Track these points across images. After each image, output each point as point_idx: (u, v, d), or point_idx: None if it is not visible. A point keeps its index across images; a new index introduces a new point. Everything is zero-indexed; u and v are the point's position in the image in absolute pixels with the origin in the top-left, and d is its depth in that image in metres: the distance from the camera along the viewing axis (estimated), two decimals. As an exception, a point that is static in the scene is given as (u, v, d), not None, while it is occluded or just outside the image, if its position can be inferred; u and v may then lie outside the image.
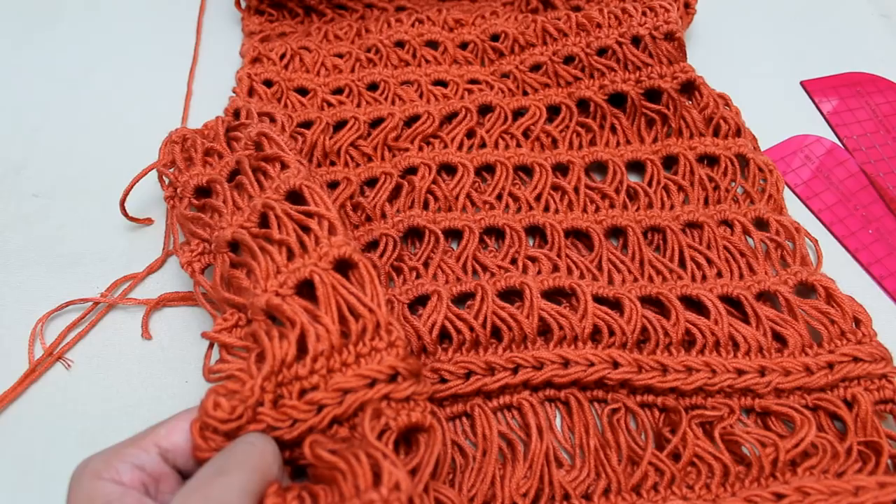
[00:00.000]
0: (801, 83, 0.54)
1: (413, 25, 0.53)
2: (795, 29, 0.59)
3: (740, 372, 0.36)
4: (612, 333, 0.37)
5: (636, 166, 0.46)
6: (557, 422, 0.36)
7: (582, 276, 0.40)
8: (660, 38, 0.47)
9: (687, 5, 0.53)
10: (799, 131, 0.51)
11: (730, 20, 0.59)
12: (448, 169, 0.45)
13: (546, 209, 0.43)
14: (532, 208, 0.43)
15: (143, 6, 0.59)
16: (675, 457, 0.34)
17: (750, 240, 0.42)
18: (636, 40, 0.47)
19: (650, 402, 0.36)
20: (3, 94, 0.52)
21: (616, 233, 0.43)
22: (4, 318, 0.40)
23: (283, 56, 0.51)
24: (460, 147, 0.46)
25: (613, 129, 0.48)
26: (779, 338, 0.37)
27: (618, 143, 0.47)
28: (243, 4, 0.57)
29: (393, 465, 0.26)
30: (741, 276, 0.40)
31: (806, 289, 0.40)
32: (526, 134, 0.47)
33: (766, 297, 0.39)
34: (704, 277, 0.40)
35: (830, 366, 0.36)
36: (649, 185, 0.45)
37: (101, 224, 0.44)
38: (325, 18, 0.57)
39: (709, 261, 0.41)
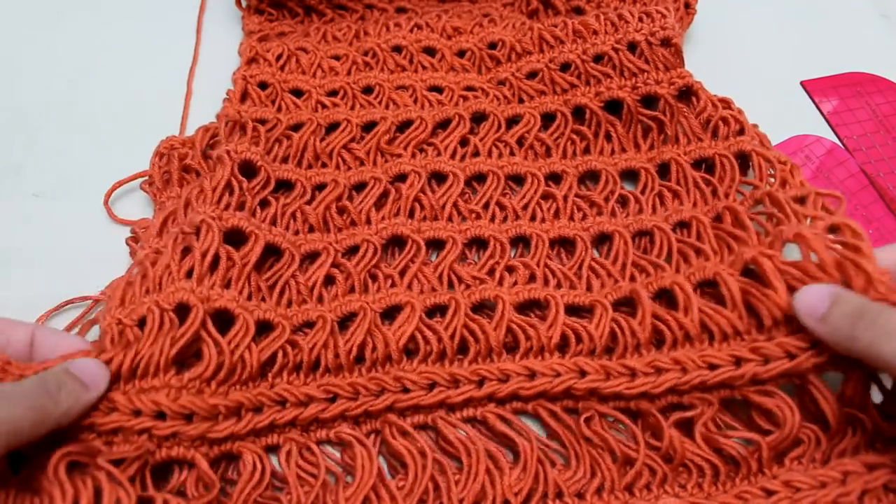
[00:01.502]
0: (801, 83, 0.54)
1: (412, 31, 0.53)
2: (795, 29, 0.58)
3: (713, 367, 0.33)
4: (579, 341, 0.35)
5: (630, 175, 0.46)
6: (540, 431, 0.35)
7: (559, 285, 0.39)
8: (656, 44, 0.46)
9: (687, 5, 0.53)
10: (799, 131, 0.51)
11: (730, 20, 0.58)
12: (439, 177, 0.44)
13: (532, 218, 0.43)
14: (519, 217, 0.43)
15: (143, 6, 0.59)
16: (667, 460, 0.34)
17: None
18: (632, 46, 0.47)
19: (623, 407, 0.35)
20: (3, 94, 0.52)
21: (604, 239, 0.42)
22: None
23: (279, 57, 0.51)
24: (454, 155, 0.46)
25: (608, 137, 0.47)
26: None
27: (612, 151, 0.47)
28: (244, 3, 0.57)
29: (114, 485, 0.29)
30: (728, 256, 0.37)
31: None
32: (520, 142, 0.47)
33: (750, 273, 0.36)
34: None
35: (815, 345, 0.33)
36: (642, 192, 0.44)
37: (101, 224, 0.44)
38: (325, 18, 0.57)
39: (697, 251, 0.39)
